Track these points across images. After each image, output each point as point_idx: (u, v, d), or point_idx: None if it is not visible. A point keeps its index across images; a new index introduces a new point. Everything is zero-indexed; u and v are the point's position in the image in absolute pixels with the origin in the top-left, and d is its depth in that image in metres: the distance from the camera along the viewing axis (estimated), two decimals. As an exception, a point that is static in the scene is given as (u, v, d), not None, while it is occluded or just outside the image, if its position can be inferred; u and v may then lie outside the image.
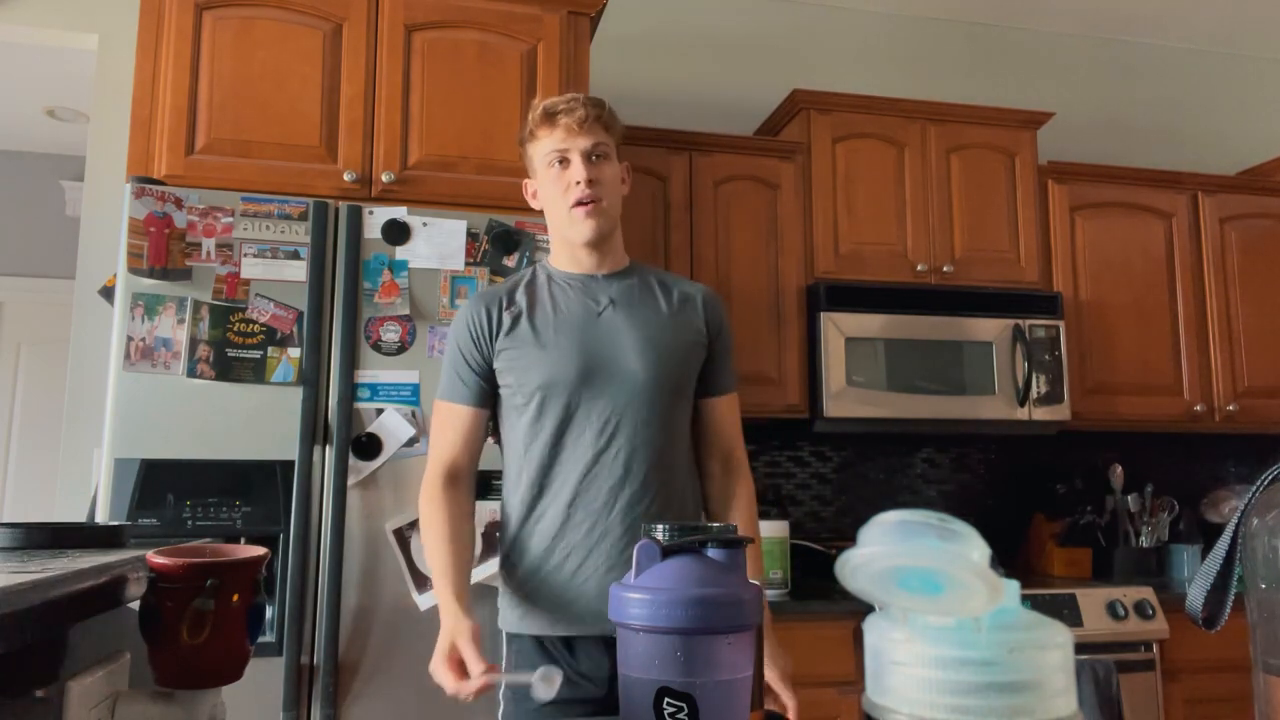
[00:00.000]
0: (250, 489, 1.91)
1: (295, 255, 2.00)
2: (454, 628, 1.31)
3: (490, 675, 1.24)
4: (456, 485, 1.49)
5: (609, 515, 1.43)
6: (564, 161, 1.49)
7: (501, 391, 1.51)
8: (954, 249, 2.93)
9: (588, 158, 1.48)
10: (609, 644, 1.39)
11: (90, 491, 2.32)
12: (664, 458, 1.47)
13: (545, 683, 1.14)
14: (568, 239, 1.53)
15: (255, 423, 1.93)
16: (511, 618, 1.48)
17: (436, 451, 1.51)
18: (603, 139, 1.50)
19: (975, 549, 0.59)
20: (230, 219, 1.98)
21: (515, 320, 1.49)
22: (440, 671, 1.28)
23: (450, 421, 1.51)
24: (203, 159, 2.16)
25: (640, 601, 0.72)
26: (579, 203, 1.47)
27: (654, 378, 1.47)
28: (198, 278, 1.94)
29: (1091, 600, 2.53)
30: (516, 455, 1.50)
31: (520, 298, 1.53)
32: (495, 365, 1.49)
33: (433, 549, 1.45)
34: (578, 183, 1.47)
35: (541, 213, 1.59)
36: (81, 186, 2.94)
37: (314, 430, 1.95)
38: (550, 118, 1.49)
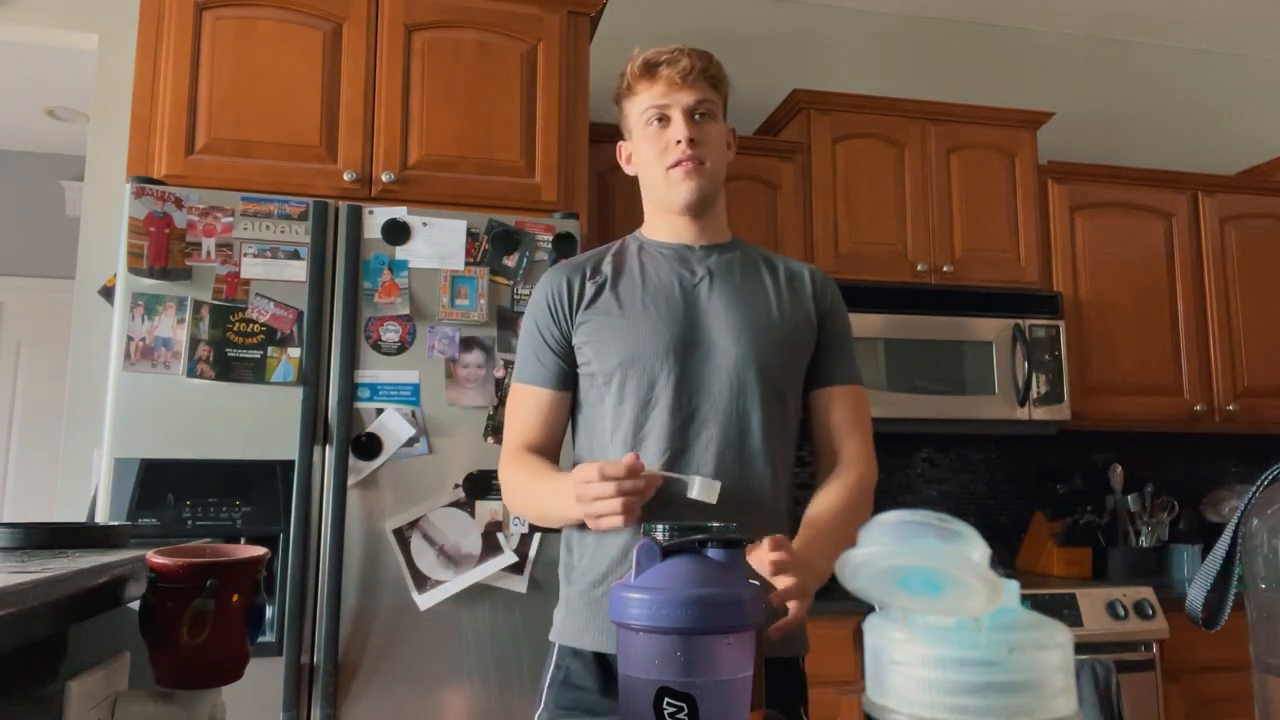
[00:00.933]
0: (250, 489, 1.91)
1: (295, 255, 2.00)
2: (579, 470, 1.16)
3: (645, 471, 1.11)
4: (533, 454, 1.34)
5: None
6: (663, 119, 1.33)
7: (580, 370, 1.34)
8: (954, 249, 2.93)
9: (690, 115, 1.32)
10: None
11: (90, 491, 2.32)
12: (761, 455, 1.29)
13: (706, 488, 1.10)
14: (664, 203, 1.36)
15: (255, 423, 1.93)
16: (570, 629, 1.29)
17: (511, 433, 1.36)
18: (708, 95, 1.34)
19: (975, 549, 0.59)
20: (230, 219, 1.98)
21: (599, 290, 1.34)
22: (591, 487, 1.11)
23: (527, 404, 1.35)
24: (203, 159, 2.16)
25: (640, 601, 0.72)
26: (678, 163, 1.31)
27: (754, 361, 1.29)
28: (198, 278, 1.94)
29: (1091, 600, 2.53)
30: (598, 444, 1.33)
31: (606, 266, 1.37)
32: (574, 340, 1.33)
33: (528, 487, 1.30)
34: (678, 142, 1.31)
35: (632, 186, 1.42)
36: (81, 186, 2.94)
37: (314, 430, 1.95)
38: (650, 70, 1.32)
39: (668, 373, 1.27)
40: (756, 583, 0.88)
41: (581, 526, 1.26)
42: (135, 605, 0.79)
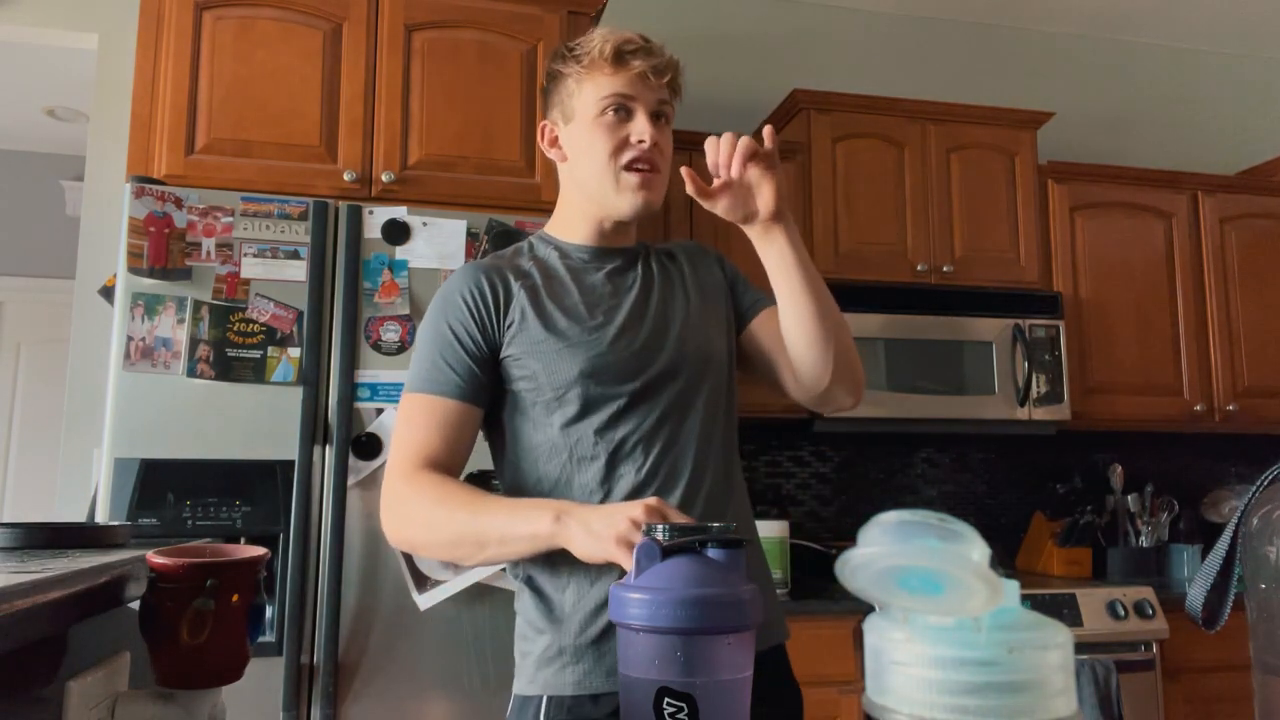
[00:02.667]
0: (250, 489, 1.91)
1: (295, 255, 2.00)
2: (574, 509, 1.01)
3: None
4: (439, 473, 1.15)
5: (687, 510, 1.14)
6: (622, 110, 1.20)
7: (516, 387, 1.18)
8: (954, 249, 2.93)
9: (654, 116, 1.21)
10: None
11: (90, 491, 2.32)
12: (730, 436, 1.26)
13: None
14: (601, 204, 1.23)
15: (255, 423, 1.93)
16: (570, 678, 1.10)
17: (408, 450, 1.15)
18: (669, 99, 1.24)
19: (975, 549, 0.59)
20: (230, 219, 1.98)
21: (534, 296, 1.19)
22: (620, 552, 0.93)
23: (430, 417, 1.15)
24: (203, 159, 2.16)
25: (640, 601, 0.72)
26: (634, 164, 1.19)
27: (709, 351, 1.23)
28: (198, 278, 1.94)
29: (1091, 600, 2.53)
30: (550, 464, 1.17)
31: (531, 270, 1.23)
32: (506, 353, 1.17)
33: (449, 513, 1.09)
34: (640, 140, 1.19)
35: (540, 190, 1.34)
36: (81, 186, 2.94)
37: (314, 430, 1.95)
38: (621, 58, 1.19)
39: (633, 380, 1.17)
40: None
41: (549, 560, 1.11)
42: (135, 605, 0.79)
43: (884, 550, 0.60)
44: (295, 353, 1.96)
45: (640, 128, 1.19)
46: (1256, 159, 3.63)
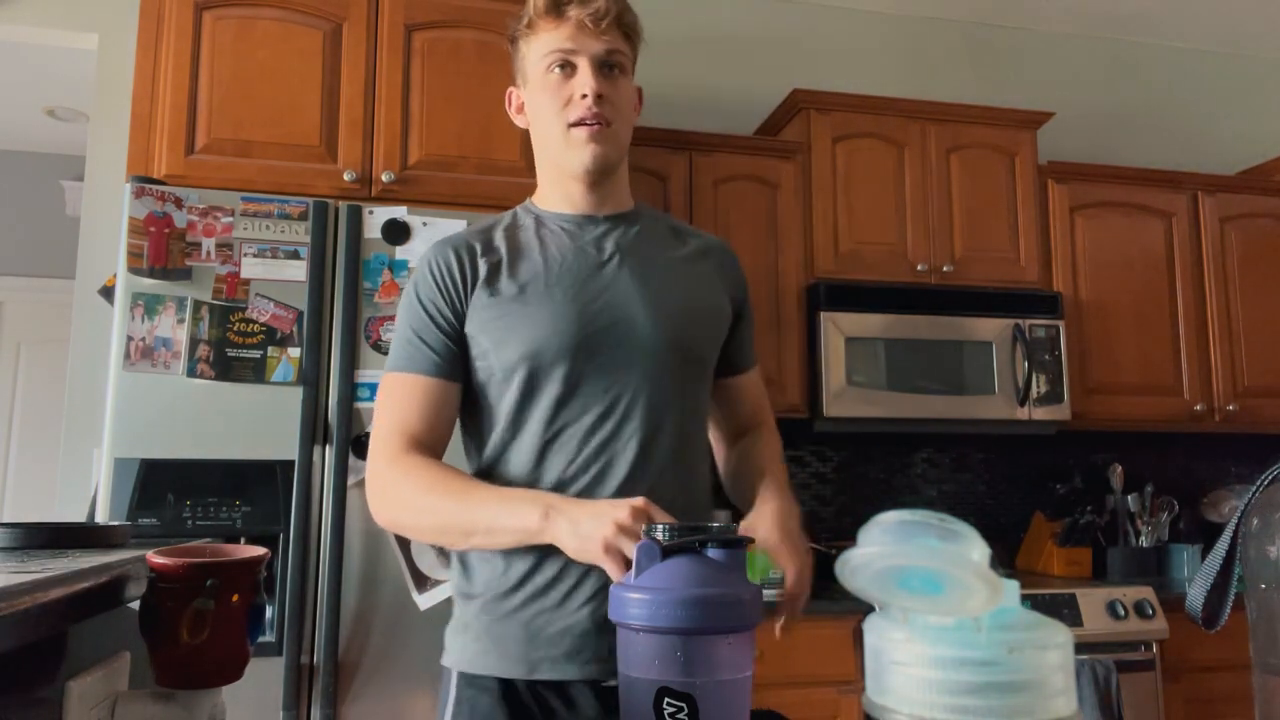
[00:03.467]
0: (250, 489, 1.91)
1: (295, 255, 2.00)
2: (563, 505, 1.00)
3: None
4: (424, 453, 1.13)
5: None
6: (566, 66, 1.16)
7: (475, 364, 1.17)
8: (954, 249, 2.93)
9: (599, 66, 1.15)
10: (605, 694, 1.08)
11: (90, 491, 2.32)
12: (686, 444, 1.18)
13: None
14: (561, 167, 1.20)
15: (255, 423, 1.93)
16: (469, 654, 1.13)
17: (390, 430, 1.14)
18: (620, 47, 1.17)
19: (975, 549, 0.59)
20: (230, 219, 1.98)
21: (494, 270, 1.16)
22: (608, 558, 0.92)
23: (410, 395, 1.14)
24: (203, 159, 2.16)
25: (640, 601, 0.72)
26: (581, 121, 1.15)
27: (674, 343, 1.16)
28: (198, 277, 1.94)
29: (1091, 600, 2.53)
30: (493, 445, 1.16)
31: (500, 243, 1.20)
32: (467, 328, 1.16)
33: (436, 501, 1.08)
34: (584, 96, 1.14)
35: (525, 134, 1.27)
36: (81, 186, 2.94)
37: (314, 430, 1.95)
38: (558, 8, 1.15)
39: (580, 364, 1.12)
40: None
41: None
42: (135, 605, 0.79)
43: (884, 550, 0.60)
44: (295, 353, 1.96)
45: (582, 81, 1.15)
46: (1256, 159, 3.63)
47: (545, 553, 1.08)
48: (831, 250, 2.84)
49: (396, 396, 1.15)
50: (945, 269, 2.90)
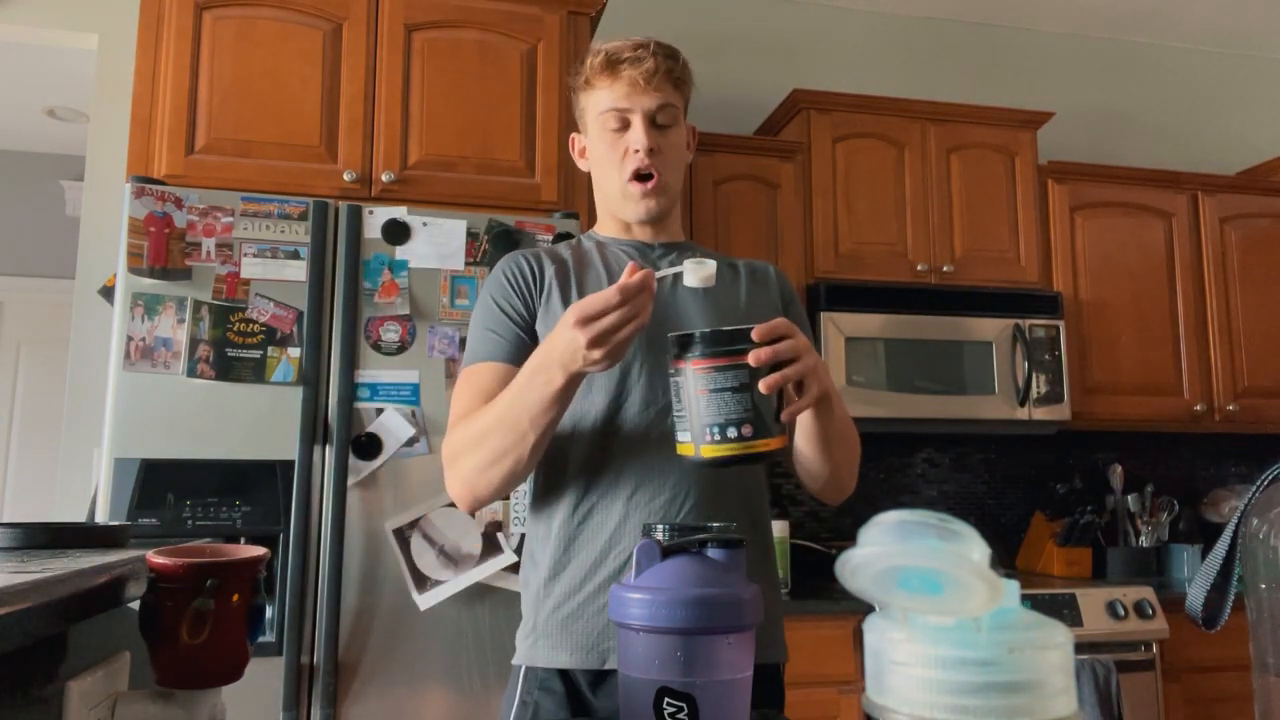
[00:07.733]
0: (250, 489, 1.91)
1: (295, 255, 2.00)
2: (546, 354, 1.06)
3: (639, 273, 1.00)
4: None
5: (679, 511, 1.17)
6: (622, 121, 1.26)
7: None
8: (954, 249, 2.93)
9: (651, 121, 1.25)
10: None
11: (90, 491, 2.32)
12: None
13: (699, 270, 1.04)
14: (619, 214, 1.32)
15: (255, 423, 1.93)
16: (538, 650, 1.19)
17: (456, 412, 1.21)
18: (671, 99, 1.26)
19: (975, 549, 0.59)
20: (230, 219, 1.98)
21: (563, 279, 1.26)
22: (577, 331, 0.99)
23: (482, 381, 1.20)
24: (203, 159, 2.16)
25: (640, 601, 0.72)
26: (637, 177, 1.25)
27: None
28: (198, 277, 1.94)
29: (1091, 600, 2.53)
30: (556, 442, 1.21)
31: (567, 257, 1.30)
32: (537, 326, 1.24)
33: (482, 419, 1.14)
34: (637, 151, 1.24)
35: (587, 179, 1.33)
36: (81, 186, 2.94)
37: (314, 430, 1.95)
38: (613, 67, 1.24)
39: (639, 365, 1.20)
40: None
41: (559, 524, 1.19)
42: (135, 605, 0.79)
43: (884, 550, 0.60)
44: (295, 353, 1.96)
45: (636, 137, 1.24)
46: (1256, 159, 3.63)
47: (613, 543, 1.16)
48: (831, 250, 2.84)
49: (469, 385, 1.21)
50: (945, 269, 2.90)
